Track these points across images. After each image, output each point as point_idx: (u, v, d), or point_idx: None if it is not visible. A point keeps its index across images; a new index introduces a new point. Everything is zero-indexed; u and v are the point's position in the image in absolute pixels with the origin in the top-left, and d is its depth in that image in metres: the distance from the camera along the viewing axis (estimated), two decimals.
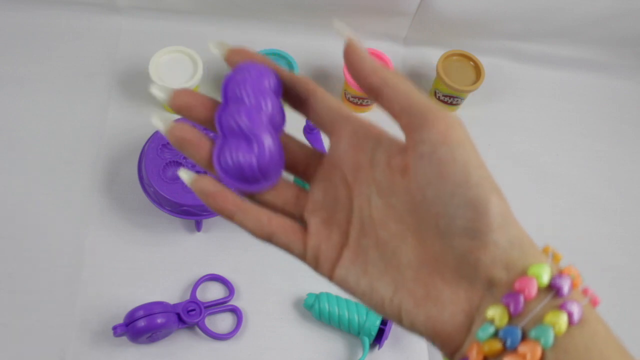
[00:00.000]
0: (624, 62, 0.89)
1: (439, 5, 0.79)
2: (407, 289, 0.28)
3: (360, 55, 0.29)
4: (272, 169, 0.31)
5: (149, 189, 0.66)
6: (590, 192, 0.81)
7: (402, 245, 0.29)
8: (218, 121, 0.32)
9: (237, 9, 0.82)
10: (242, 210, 0.30)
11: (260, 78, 0.31)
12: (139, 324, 0.59)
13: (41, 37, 0.80)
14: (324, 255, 0.30)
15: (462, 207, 0.26)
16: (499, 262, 0.26)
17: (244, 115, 0.31)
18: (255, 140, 0.31)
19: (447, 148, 0.26)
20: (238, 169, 0.31)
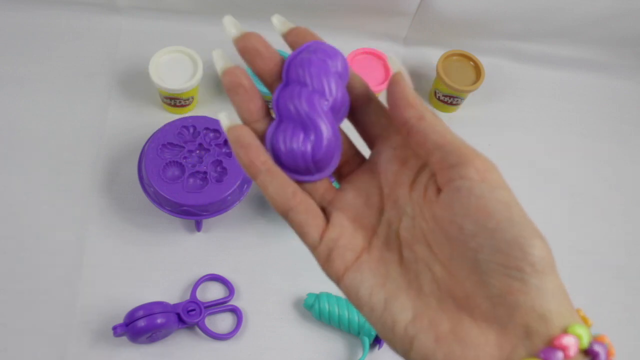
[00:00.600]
0: (624, 62, 0.89)
1: (439, 5, 0.79)
2: (428, 320, 0.27)
3: (405, 88, 0.29)
4: (327, 161, 0.29)
5: (149, 189, 0.66)
6: (590, 192, 0.81)
7: (427, 271, 0.28)
8: (275, 102, 0.29)
9: (237, 9, 0.82)
10: (270, 173, 0.29)
11: (327, 60, 0.29)
12: (139, 324, 0.59)
13: (41, 37, 0.80)
14: (340, 252, 0.29)
15: (505, 243, 0.25)
16: (538, 310, 0.24)
17: (305, 99, 0.28)
18: (314, 129, 0.28)
19: (488, 186, 0.26)
20: (291, 157, 0.29)
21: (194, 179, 0.66)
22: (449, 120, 0.83)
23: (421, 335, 0.26)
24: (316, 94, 0.29)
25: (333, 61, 0.29)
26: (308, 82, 0.29)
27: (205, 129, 0.67)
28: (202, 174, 0.65)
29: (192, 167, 0.66)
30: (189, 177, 0.65)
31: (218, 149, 0.67)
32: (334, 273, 0.29)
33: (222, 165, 0.66)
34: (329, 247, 0.29)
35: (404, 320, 0.27)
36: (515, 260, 0.25)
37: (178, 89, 0.71)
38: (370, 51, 0.79)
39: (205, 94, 0.79)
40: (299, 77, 0.29)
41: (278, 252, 0.70)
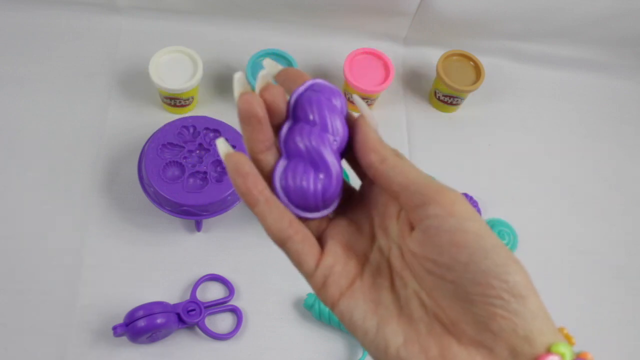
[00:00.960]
0: (624, 62, 0.89)
1: (439, 5, 0.79)
2: (419, 344, 0.28)
3: (367, 132, 0.30)
4: (336, 197, 0.30)
5: (149, 189, 0.66)
6: (590, 192, 0.81)
7: (415, 298, 0.29)
8: (284, 140, 0.30)
9: (237, 9, 0.82)
10: (267, 202, 0.29)
11: (331, 98, 0.30)
12: (139, 324, 0.59)
13: (41, 37, 0.80)
14: (334, 279, 0.30)
15: (481, 274, 0.26)
16: (520, 333, 0.25)
17: (316, 138, 0.29)
18: (324, 168, 0.29)
19: (456, 220, 0.27)
20: (300, 195, 0.29)
21: (194, 179, 0.66)
22: (449, 120, 0.83)
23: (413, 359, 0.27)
24: (326, 133, 0.29)
25: (337, 99, 0.30)
26: (317, 122, 0.29)
27: (205, 129, 0.67)
28: (202, 174, 0.65)
29: (192, 167, 0.65)
30: (189, 177, 0.65)
31: None
32: (329, 299, 0.30)
33: (222, 165, 0.66)
34: (324, 275, 0.30)
35: (396, 344, 0.28)
36: (493, 289, 0.26)
37: (178, 89, 0.71)
38: (370, 51, 0.79)
39: (205, 94, 0.79)
40: (307, 116, 0.29)
41: (278, 252, 0.69)
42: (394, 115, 0.83)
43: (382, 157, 0.29)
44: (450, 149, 0.81)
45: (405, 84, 0.86)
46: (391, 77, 0.77)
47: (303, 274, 0.31)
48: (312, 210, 0.30)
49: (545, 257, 0.75)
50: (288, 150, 0.30)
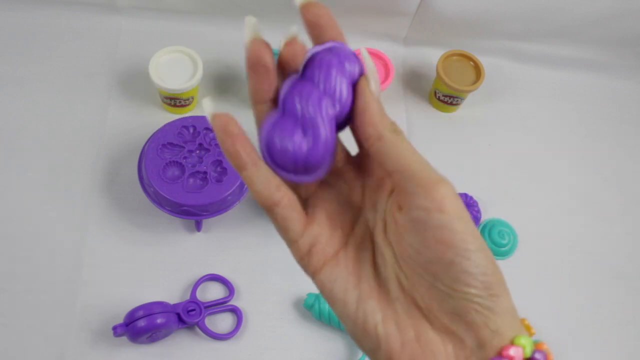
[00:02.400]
0: (624, 62, 0.89)
1: (439, 5, 0.79)
2: (395, 324, 0.28)
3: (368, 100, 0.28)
4: (320, 165, 0.28)
5: (149, 189, 0.66)
6: (590, 192, 0.81)
7: (394, 278, 0.29)
8: (284, 94, 0.28)
9: (237, 9, 0.82)
10: (256, 166, 0.28)
11: (345, 62, 0.29)
12: (139, 324, 0.59)
13: (41, 37, 0.80)
14: (319, 248, 0.29)
15: (462, 274, 0.27)
16: (491, 327, 0.27)
17: (313, 102, 0.28)
18: (312, 131, 0.28)
19: (446, 217, 0.27)
20: (283, 156, 0.28)
21: (194, 179, 0.66)
22: (449, 120, 0.83)
23: (389, 338, 0.28)
24: (326, 98, 0.28)
25: (351, 65, 0.29)
26: (321, 83, 0.28)
27: (205, 129, 0.67)
28: (202, 174, 0.65)
29: (192, 167, 0.65)
30: (189, 177, 0.65)
31: (218, 149, 0.67)
32: (311, 268, 0.30)
33: (222, 165, 0.66)
34: (309, 243, 0.29)
35: (374, 321, 0.28)
36: (472, 288, 0.27)
37: (178, 89, 0.71)
38: (370, 51, 0.79)
39: (205, 94, 0.79)
40: (314, 75, 0.28)
41: (278, 252, 0.70)
42: (394, 115, 0.82)
43: (379, 133, 0.28)
44: (450, 149, 0.81)
45: (405, 84, 0.86)
46: (391, 77, 0.77)
47: (286, 241, 0.30)
48: (295, 173, 0.29)
49: (545, 257, 0.75)
50: (284, 106, 0.28)
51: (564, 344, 0.69)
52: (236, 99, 0.80)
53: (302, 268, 0.30)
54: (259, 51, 0.28)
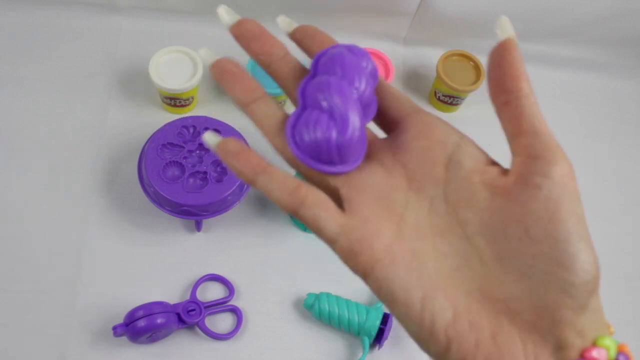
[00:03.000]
0: (624, 62, 0.89)
1: (439, 5, 0.79)
2: (469, 322, 0.25)
3: (520, 58, 0.27)
4: (352, 152, 0.27)
5: (149, 189, 0.66)
6: (590, 192, 0.81)
7: (466, 268, 0.26)
8: (301, 91, 0.28)
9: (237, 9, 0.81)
10: (267, 173, 0.26)
11: (359, 57, 0.28)
12: (139, 324, 0.59)
13: (41, 37, 0.80)
14: (365, 244, 0.26)
15: (567, 257, 0.24)
16: (578, 327, 0.24)
17: (334, 86, 0.27)
18: (340, 117, 0.26)
19: (567, 194, 0.25)
20: (315, 145, 0.27)
21: (194, 179, 0.66)
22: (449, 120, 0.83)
23: (462, 339, 0.25)
24: (345, 81, 0.27)
25: (366, 62, 0.28)
26: (338, 72, 0.27)
27: (205, 129, 0.67)
28: (202, 174, 0.65)
29: (192, 167, 0.65)
30: (189, 177, 0.65)
31: None
32: (361, 268, 0.26)
33: (222, 165, 0.66)
34: (350, 240, 0.26)
35: (444, 321, 0.25)
36: (572, 276, 0.24)
37: (178, 89, 0.71)
38: (370, 51, 0.79)
39: (205, 94, 0.79)
40: (328, 69, 0.28)
41: (278, 252, 0.70)
42: None
43: (529, 91, 0.26)
44: None
45: (405, 84, 0.86)
46: (391, 77, 0.77)
47: (326, 242, 0.26)
48: (327, 162, 0.27)
49: None
50: (304, 101, 0.28)
51: None
52: None
53: (353, 272, 0.26)
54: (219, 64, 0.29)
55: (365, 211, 0.26)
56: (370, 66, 0.28)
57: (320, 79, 0.27)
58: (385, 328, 0.65)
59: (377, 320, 0.64)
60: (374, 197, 0.27)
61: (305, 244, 0.71)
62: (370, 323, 0.64)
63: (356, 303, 0.66)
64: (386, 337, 0.65)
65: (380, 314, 0.65)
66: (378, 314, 0.65)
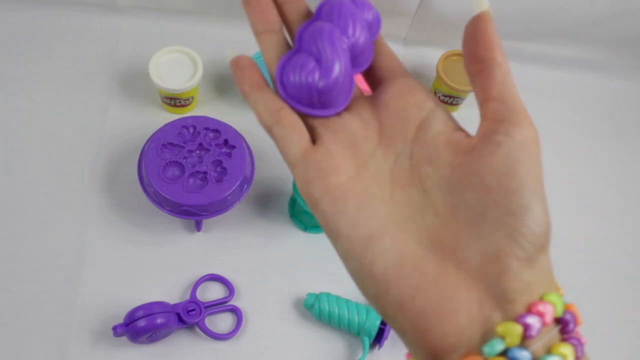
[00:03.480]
0: (624, 62, 0.89)
1: (439, 5, 0.79)
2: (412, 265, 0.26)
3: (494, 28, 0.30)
4: (334, 98, 0.29)
5: (149, 189, 0.66)
6: (591, 192, 0.81)
7: (418, 216, 0.27)
8: (298, 35, 0.30)
9: (237, 9, 0.82)
10: (260, 90, 0.30)
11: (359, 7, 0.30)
12: (139, 324, 0.59)
13: (41, 37, 0.80)
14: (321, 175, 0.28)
15: (520, 208, 0.25)
16: (525, 279, 0.25)
17: (326, 35, 0.29)
18: (326, 63, 0.28)
19: (527, 154, 0.26)
20: (298, 87, 0.29)
21: (194, 179, 0.66)
22: None
23: (401, 282, 0.25)
24: (337, 30, 0.29)
25: (365, 11, 0.31)
26: (334, 21, 0.29)
27: (205, 129, 0.67)
28: (202, 174, 0.65)
29: (192, 167, 0.65)
30: (189, 177, 0.65)
31: (218, 149, 0.67)
32: (311, 198, 0.28)
33: (222, 165, 0.66)
34: (307, 168, 0.28)
35: (385, 262, 0.26)
36: (522, 226, 0.25)
37: (178, 89, 0.71)
38: None
39: (205, 94, 0.79)
40: (328, 16, 0.30)
41: (278, 252, 0.70)
42: None
43: (502, 61, 0.28)
44: None
45: None
46: None
47: (287, 163, 0.29)
48: (310, 105, 0.29)
49: None
50: (299, 44, 0.30)
51: None
52: (236, 99, 0.80)
53: (305, 198, 0.28)
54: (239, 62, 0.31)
55: (331, 148, 0.29)
56: (371, 17, 0.31)
57: (315, 24, 0.29)
58: (386, 328, 0.65)
59: (377, 320, 0.64)
60: (343, 141, 0.29)
61: (305, 244, 0.71)
62: (370, 323, 0.64)
63: (356, 303, 0.66)
64: (386, 337, 0.65)
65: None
66: (378, 314, 0.65)
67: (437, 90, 0.81)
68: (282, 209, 0.73)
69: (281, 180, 0.74)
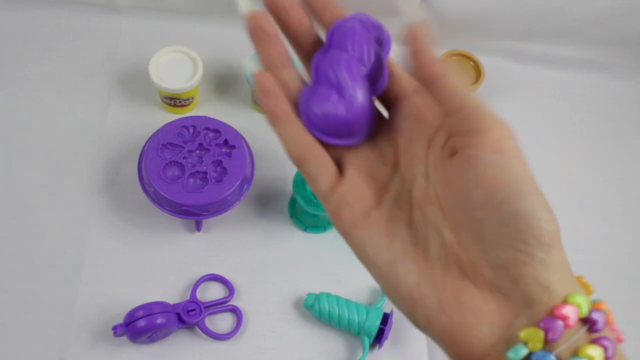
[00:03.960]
0: (624, 62, 0.89)
1: (439, 5, 0.79)
2: (432, 284, 0.27)
3: (427, 43, 0.29)
4: (360, 125, 0.30)
5: (149, 189, 0.66)
6: (590, 191, 0.81)
7: (435, 235, 0.28)
8: (315, 66, 0.30)
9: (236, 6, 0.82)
10: (289, 121, 0.29)
11: (370, 30, 0.31)
12: (139, 324, 0.59)
13: (41, 37, 0.80)
14: (349, 207, 0.29)
15: (512, 216, 0.25)
16: (541, 282, 0.25)
17: (344, 64, 0.29)
18: (348, 93, 0.29)
19: (502, 156, 0.26)
20: (324, 120, 0.29)
21: (194, 179, 0.66)
22: None
23: (425, 300, 0.27)
24: (355, 60, 0.30)
25: (376, 32, 0.31)
26: (349, 49, 0.30)
27: (205, 129, 0.67)
28: (202, 174, 0.65)
29: (192, 167, 0.65)
30: (189, 177, 0.65)
31: (218, 149, 0.67)
32: (342, 227, 0.29)
33: (222, 165, 0.66)
34: (339, 201, 0.29)
35: (408, 283, 0.27)
36: (521, 234, 0.25)
37: (178, 89, 0.71)
38: None
39: (205, 94, 0.79)
40: (341, 43, 0.30)
41: (278, 252, 0.70)
42: None
43: (443, 71, 0.28)
44: None
45: None
46: None
47: (319, 197, 0.30)
48: (336, 136, 0.30)
49: None
50: (316, 76, 0.30)
51: None
52: (236, 99, 0.80)
53: (337, 229, 0.30)
54: (256, 19, 0.30)
55: (355, 180, 0.30)
56: (383, 37, 0.31)
57: (332, 54, 0.30)
58: (385, 328, 0.65)
59: (377, 320, 0.64)
60: (365, 170, 0.30)
61: (305, 244, 0.71)
62: (370, 323, 0.64)
63: (356, 303, 0.66)
64: (386, 337, 0.65)
65: (380, 314, 0.65)
66: (378, 314, 0.65)
67: None
68: (282, 209, 0.73)
69: (281, 180, 0.74)
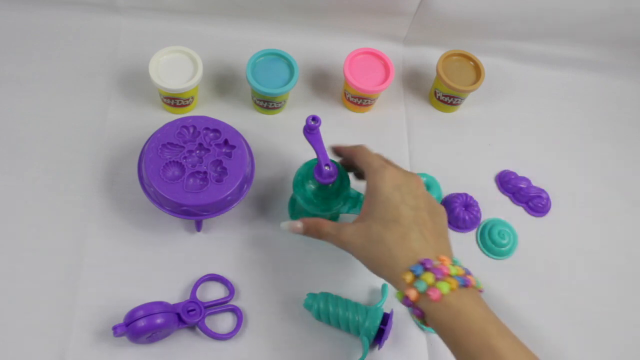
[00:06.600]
0: (624, 62, 0.89)
1: (439, 5, 0.79)
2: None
3: (345, 147, 0.62)
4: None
5: (149, 189, 0.66)
6: (590, 191, 0.81)
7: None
8: None
9: (237, 9, 0.82)
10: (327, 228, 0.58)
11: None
12: (139, 324, 0.59)
13: (41, 37, 0.80)
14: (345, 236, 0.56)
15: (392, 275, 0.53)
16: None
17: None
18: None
19: (381, 185, 0.55)
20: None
21: (194, 179, 0.65)
22: (449, 120, 0.83)
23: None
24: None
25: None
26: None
27: (205, 129, 0.67)
28: (202, 174, 0.65)
29: (192, 167, 0.65)
30: (189, 177, 0.65)
31: (218, 149, 0.67)
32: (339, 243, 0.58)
33: (222, 165, 0.66)
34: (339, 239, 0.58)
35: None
36: (400, 280, 0.51)
37: (178, 89, 0.71)
38: (370, 51, 0.79)
39: (205, 94, 0.79)
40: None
41: (278, 252, 0.70)
42: (394, 115, 0.83)
43: (354, 150, 0.61)
44: (450, 149, 0.81)
45: (405, 84, 0.86)
46: (391, 77, 0.77)
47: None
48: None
49: (545, 257, 0.75)
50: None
51: (563, 344, 0.69)
52: (236, 99, 0.80)
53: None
54: (295, 230, 0.61)
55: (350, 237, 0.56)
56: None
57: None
58: (385, 328, 0.65)
59: (377, 320, 0.64)
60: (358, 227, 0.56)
61: (305, 244, 0.71)
62: (370, 323, 0.64)
63: (356, 303, 0.66)
64: (386, 337, 0.65)
65: (380, 314, 0.65)
66: (378, 314, 0.65)
67: (437, 90, 0.81)
68: (282, 209, 0.73)
69: (281, 180, 0.74)
